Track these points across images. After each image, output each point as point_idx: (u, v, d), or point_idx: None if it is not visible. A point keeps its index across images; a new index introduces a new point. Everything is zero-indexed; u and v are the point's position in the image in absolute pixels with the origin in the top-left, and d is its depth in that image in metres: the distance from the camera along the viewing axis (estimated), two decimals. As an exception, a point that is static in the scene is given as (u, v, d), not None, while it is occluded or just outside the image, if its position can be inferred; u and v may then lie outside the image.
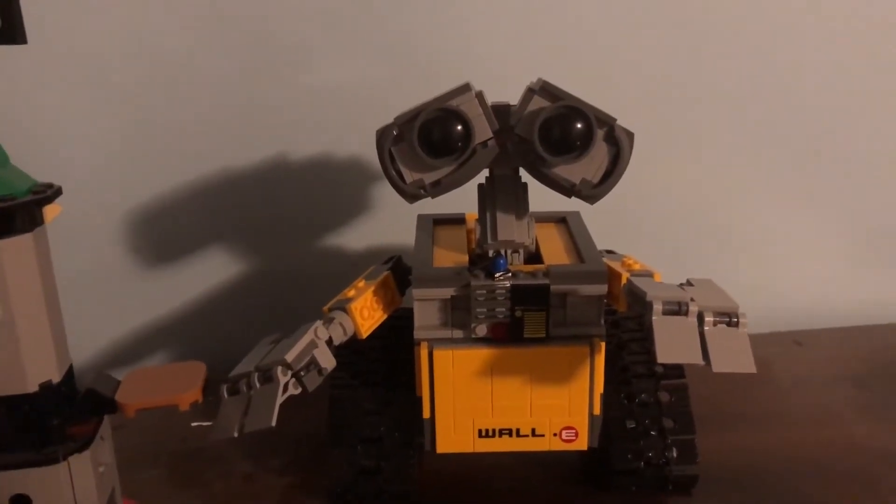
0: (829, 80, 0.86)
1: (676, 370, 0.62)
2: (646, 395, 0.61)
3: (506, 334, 0.55)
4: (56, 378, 0.48)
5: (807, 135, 0.87)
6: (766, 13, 0.83)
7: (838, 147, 0.88)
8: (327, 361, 0.52)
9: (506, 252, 0.57)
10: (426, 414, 0.57)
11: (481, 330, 0.55)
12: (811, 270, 0.92)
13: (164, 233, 0.84)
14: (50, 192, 0.47)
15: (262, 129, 0.82)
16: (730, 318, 0.48)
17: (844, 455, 0.66)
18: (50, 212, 0.47)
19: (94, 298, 0.83)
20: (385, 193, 0.84)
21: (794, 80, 0.85)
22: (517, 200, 0.58)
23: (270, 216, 0.85)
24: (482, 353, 0.55)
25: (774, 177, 0.89)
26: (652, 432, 0.60)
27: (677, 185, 0.88)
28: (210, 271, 0.86)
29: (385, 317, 0.58)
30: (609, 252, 0.63)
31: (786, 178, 0.89)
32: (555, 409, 0.56)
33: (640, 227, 0.87)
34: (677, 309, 0.48)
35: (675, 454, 0.60)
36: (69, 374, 0.50)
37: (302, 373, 0.51)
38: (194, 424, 0.72)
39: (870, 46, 0.85)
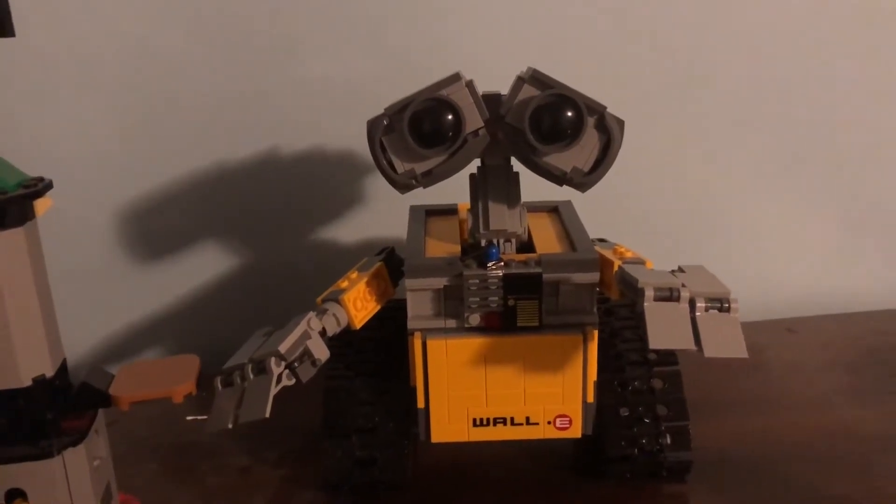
0: (820, 72, 0.86)
1: (670, 357, 0.62)
2: (639, 383, 0.61)
3: (499, 323, 0.55)
4: (49, 372, 0.48)
5: (797, 124, 0.88)
6: (755, 8, 0.83)
7: (829, 136, 0.88)
8: (321, 352, 0.52)
9: (498, 241, 0.58)
10: (420, 404, 0.57)
11: (474, 319, 0.55)
12: (803, 258, 0.92)
13: (156, 226, 0.84)
14: (41, 186, 0.46)
15: (253, 122, 0.82)
16: (721, 303, 0.48)
17: (836, 440, 0.66)
18: (41, 206, 0.47)
19: (88, 293, 0.83)
20: (377, 185, 0.83)
21: (785, 71, 0.85)
22: (509, 190, 0.58)
23: (263, 209, 0.85)
24: (475, 343, 0.56)
25: (766, 165, 0.89)
26: (645, 419, 0.60)
27: (669, 174, 0.88)
28: (203, 265, 0.86)
29: (378, 308, 0.58)
30: (601, 240, 0.63)
31: (777, 166, 0.89)
32: (548, 398, 0.57)
33: (631, 215, 0.87)
34: (669, 295, 0.48)
35: (668, 441, 0.60)
36: (63, 368, 0.50)
37: (295, 364, 0.51)
38: (190, 418, 0.72)
39: (856, 40, 0.85)
